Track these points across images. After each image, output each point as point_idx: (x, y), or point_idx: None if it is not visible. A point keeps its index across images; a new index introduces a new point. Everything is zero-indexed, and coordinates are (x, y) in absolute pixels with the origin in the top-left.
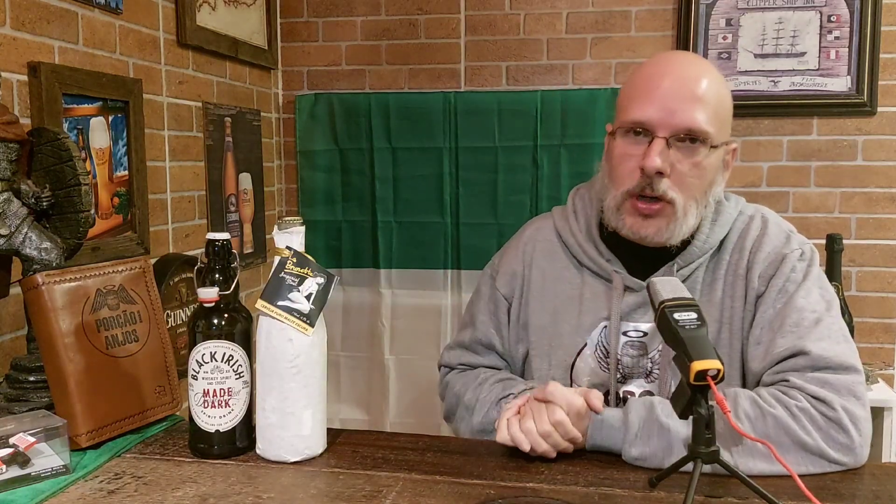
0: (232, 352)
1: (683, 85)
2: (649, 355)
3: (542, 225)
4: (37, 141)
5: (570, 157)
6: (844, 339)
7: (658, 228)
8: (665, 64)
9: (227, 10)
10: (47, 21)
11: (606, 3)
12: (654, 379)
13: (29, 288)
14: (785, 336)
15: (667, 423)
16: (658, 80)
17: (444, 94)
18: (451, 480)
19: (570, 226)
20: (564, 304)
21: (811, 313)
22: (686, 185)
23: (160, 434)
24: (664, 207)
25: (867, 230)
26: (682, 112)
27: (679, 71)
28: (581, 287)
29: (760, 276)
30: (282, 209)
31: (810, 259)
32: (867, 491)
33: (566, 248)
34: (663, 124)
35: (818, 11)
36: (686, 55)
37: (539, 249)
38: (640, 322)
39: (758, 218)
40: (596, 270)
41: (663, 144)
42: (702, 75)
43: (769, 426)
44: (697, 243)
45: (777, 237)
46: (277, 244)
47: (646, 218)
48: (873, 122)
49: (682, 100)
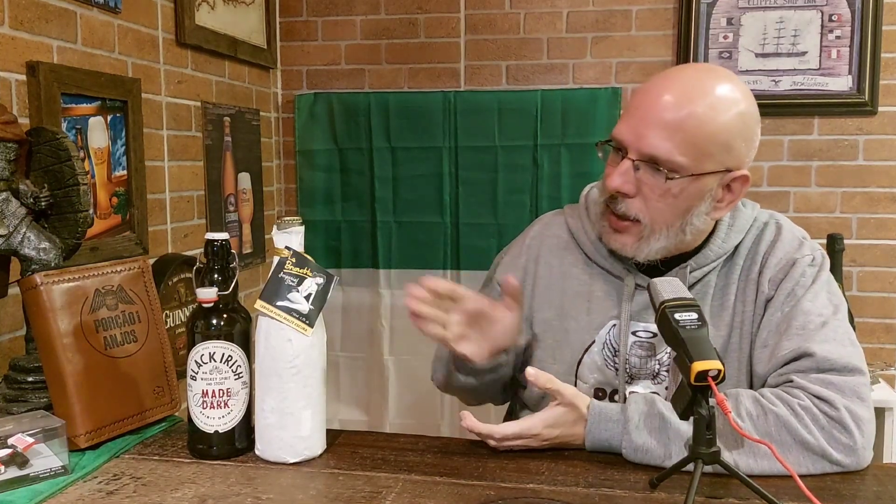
0: (231, 352)
1: (659, 109)
2: (657, 356)
3: (552, 221)
4: (35, 141)
5: (570, 157)
6: (850, 343)
7: (623, 244)
8: (661, 80)
9: (226, 9)
10: (46, 20)
11: (607, 2)
12: (660, 381)
13: (27, 288)
14: (791, 339)
15: (668, 417)
16: (641, 98)
17: (444, 93)
18: (451, 481)
19: (582, 224)
20: (572, 300)
21: (818, 316)
22: (653, 209)
23: (159, 435)
24: (631, 226)
25: (868, 230)
26: (648, 138)
27: (666, 92)
28: (590, 284)
29: (771, 280)
30: (281, 209)
31: (821, 265)
32: (868, 492)
33: (578, 245)
34: (632, 146)
35: (819, 11)
36: (696, 72)
37: (546, 245)
38: (650, 322)
39: (772, 224)
40: (608, 268)
41: (629, 165)
42: (689, 100)
43: (771, 424)
44: (713, 247)
45: (790, 243)
46: (276, 244)
47: (615, 232)
48: (874, 122)
49: (652, 125)
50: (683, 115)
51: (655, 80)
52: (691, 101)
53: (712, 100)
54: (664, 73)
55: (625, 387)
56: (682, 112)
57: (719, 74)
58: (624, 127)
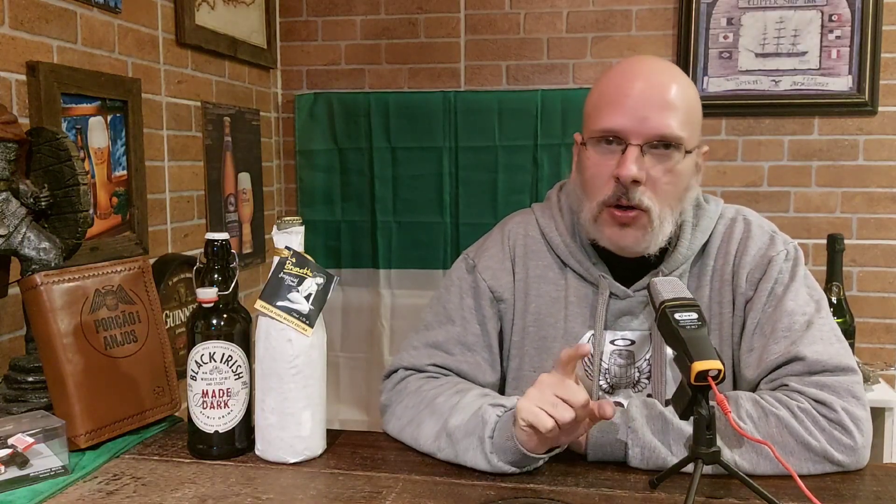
0: (231, 352)
1: (654, 91)
2: (636, 364)
3: (524, 220)
4: (35, 141)
5: (570, 157)
6: (837, 339)
7: (636, 238)
8: (632, 70)
9: (226, 9)
10: (46, 20)
11: (607, 2)
12: (640, 389)
13: (27, 288)
14: (778, 342)
15: (670, 418)
16: (628, 87)
17: (444, 93)
18: (451, 481)
19: (555, 223)
20: (549, 305)
21: (801, 316)
22: (661, 193)
23: (159, 435)
24: (640, 216)
25: (868, 230)
26: (654, 118)
27: (648, 76)
28: (566, 289)
29: (748, 279)
30: (281, 209)
31: (795, 259)
32: (868, 492)
33: (550, 246)
34: (636, 132)
35: (819, 11)
36: (653, 60)
37: (520, 246)
38: (626, 330)
39: (740, 220)
40: (581, 273)
41: (637, 152)
42: (671, 80)
43: (772, 426)
44: (681, 248)
45: (761, 239)
46: (276, 244)
47: (623, 227)
48: (874, 122)
49: (654, 106)
50: (676, 93)
51: (626, 70)
52: (675, 81)
53: (684, 79)
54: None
55: (605, 397)
56: (673, 90)
57: (665, 60)
58: (619, 117)
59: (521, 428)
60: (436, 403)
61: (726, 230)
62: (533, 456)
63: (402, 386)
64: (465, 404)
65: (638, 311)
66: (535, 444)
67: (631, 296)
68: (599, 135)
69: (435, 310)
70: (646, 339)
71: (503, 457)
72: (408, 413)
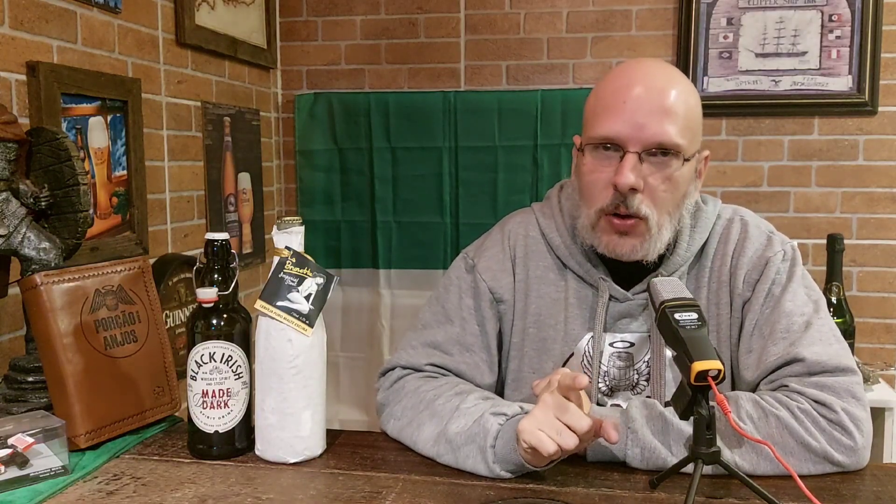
0: (231, 352)
1: (652, 97)
2: (635, 366)
3: (524, 220)
4: (35, 140)
5: (570, 157)
6: (836, 340)
7: (633, 247)
8: (632, 74)
9: (226, 9)
10: (46, 20)
11: (607, 2)
12: (639, 391)
13: (27, 288)
14: (777, 343)
15: (670, 417)
16: (626, 93)
17: (444, 93)
18: (451, 482)
19: (555, 224)
20: (549, 307)
21: (800, 317)
22: (659, 200)
23: (159, 435)
24: (637, 224)
25: (868, 230)
26: (651, 126)
27: (647, 82)
28: (565, 291)
29: (745, 280)
30: (281, 209)
31: (792, 259)
32: (868, 492)
33: (550, 247)
34: (633, 139)
35: (819, 11)
36: (654, 63)
37: (521, 246)
38: (625, 332)
39: (737, 221)
40: (581, 275)
41: (635, 159)
42: (670, 86)
43: (772, 426)
44: (679, 251)
45: (758, 239)
46: (276, 244)
47: (621, 235)
48: (874, 122)
49: (652, 113)
50: (674, 99)
51: (626, 75)
52: (674, 86)
53: (685, 84)
54: (627, 67)
55: (605, 400)
56: (673, 97)
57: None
58: (616, 124)
59: (524, 449)
60: (435, 405)
61: (723, 231)
62: (535, 469)
63: (400, 385)
64: (466, 409)
65: (637, 314)
66: (537, 460)
67: (630, 299)
68: (597, 141)
69: (433, 309)
70: (645, 342)
71: (505, 466)
72: (407, 414)
